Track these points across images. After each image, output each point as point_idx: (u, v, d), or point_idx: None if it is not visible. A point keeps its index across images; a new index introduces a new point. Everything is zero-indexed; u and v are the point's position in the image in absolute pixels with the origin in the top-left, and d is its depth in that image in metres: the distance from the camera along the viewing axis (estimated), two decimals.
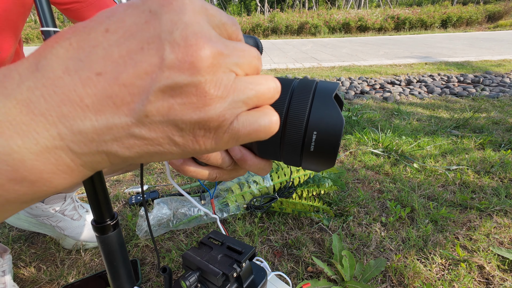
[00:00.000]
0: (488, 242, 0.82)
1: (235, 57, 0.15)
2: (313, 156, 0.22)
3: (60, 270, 0.76)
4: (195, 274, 0.41)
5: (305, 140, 0.22)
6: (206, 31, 0.14)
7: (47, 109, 0.13)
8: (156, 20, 0.13)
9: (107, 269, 0.43)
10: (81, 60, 0.13)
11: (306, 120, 0.22)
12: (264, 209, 0.92)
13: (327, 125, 0.21)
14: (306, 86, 0.23)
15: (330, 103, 0.22)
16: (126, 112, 0.14)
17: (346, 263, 0.71)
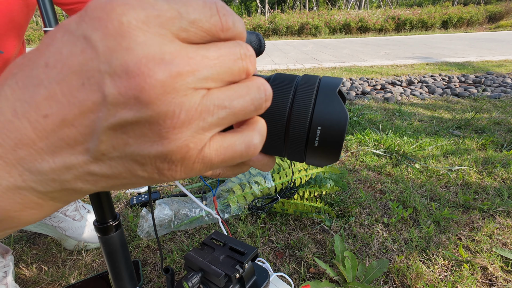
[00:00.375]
0: (491, 243, 0.81)
1: (205, 70, 0.13)
2: (317, 151, 0.23)
3: (62, 271, 0.76)
4: (198, 275, 0.41)
5: (309, 135, 0.22)
6: (154, 51, 0.12)
7: (4, 153, 0.12)
8: (92, 49, 0.12)
9: (109, 270, 0.43)
10: (27, 101, 0.12)
11: (310, 116, 0.22)
12: (265, 210, 0.92)
13: (332, 120, 0.21)
14: (310, 82, 0.23)
15: (334, 98, 0.22)
16: (82, 151, 0.13)
17: (348, 264, 0.70)
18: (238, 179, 0.97)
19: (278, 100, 0.22)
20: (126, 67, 0.11)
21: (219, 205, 0.92)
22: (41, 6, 0.30)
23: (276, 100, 0.22)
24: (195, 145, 0.14)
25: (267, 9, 15.71)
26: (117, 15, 0.11)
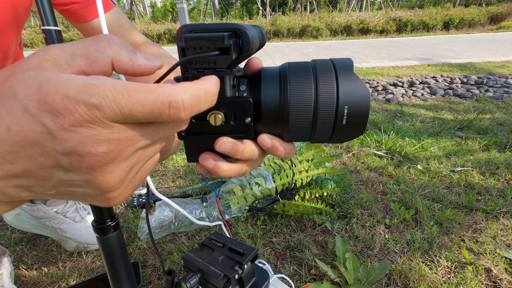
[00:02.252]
0: (495, 245, 0.80)
1: (142, 142, 0.18)
2: (345, 129, 0.24)
3: (62, 272, 0.76)
4: (196, 276, 0.41)
5: (337, 115, 0.23)
6: (99, 141, 0.16)
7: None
8: (51, 136, 0.15)
9: (108, 271, 0.43)
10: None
11: (336, 97, 0.23)
12: (266, 211, 0.91)
13: (356, 98, 0.23)
14: (327, 66, 0.24)
15: (354, 77, 0.23)
16: (45, 186, 0.17)
17: (350, 266, 0.70)
18: (239, 180, 0.96)
19: (302, 88, 0.24)
20: (78, 154, 0.15)
21: (220, 206, 0.91)
22: (39, 4, 0.30)
23: (300, 88, 0.24)
24: (125, 191, 0.19)
25: (268, 12, 15.77)
26: (71, 117, 0.15)
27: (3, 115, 0.15)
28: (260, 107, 0.25)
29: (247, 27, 0.22)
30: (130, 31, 0.58)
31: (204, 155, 0.26)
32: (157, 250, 0.46)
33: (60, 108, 0.14)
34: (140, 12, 17.58)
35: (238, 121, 0.24)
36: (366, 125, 0.24)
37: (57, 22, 0.32)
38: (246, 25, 0.23)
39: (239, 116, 0.24)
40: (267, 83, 0.25)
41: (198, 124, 0.25)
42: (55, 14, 0.33)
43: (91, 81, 0.15)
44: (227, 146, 0.24)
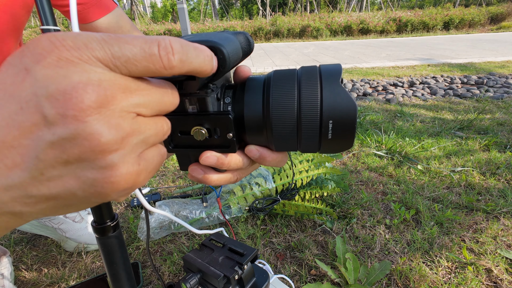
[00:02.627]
0: (496, 245, 0.80)
1: (136, 97, 0.15)
2: (331, 143, 0.23)
3: (61, 272, 0.76)
4: (196, 277, 0.40)
5: (322, 130, 0.22)
6: (92, 78, 0.13)
7: None
8: (31, 77, 0.13)
9: (107, 271, 0.43)
10: None
11: (320, 111, 0.22)
12: (266, 211, 0.91)
13: (341, 112, 0.22)
14: (311, 74, 0.23)
15: (339, 89, 0.22)
16: (20, 172, 0.13)
17: (350, 266, 0.70)
18: (239, 181, 0.96)
19: (284, 99, 0.22)
20: (63, 90, 0.13)
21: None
22: (39, 4, 0.30)
23: (282, 99, 0.22)
24: (126, 163, 0.15)
25: (268, 12, 15.78)
26: (56, 52, 0.13)
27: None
28: (244, 119, 0.24)
29: (224, 43, 0.21)
30: (131, 33, 0.59)
31: (192, 166, 0.25)
32: (154, 266, 0.46)
33: (44, 45, 0.13)
34: (140, 12, 17.60)
35: (221, 136, 0.24)
36: (354, 138, 0.23)
37: (57, 22, 0.32)
38: (227, 35, 0.23)
39: (221, 131, 0.24)
40: (251, 93, 0.24)
41: (183, 138, 0.25)
42: (55, 15, 0.33)
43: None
44: (211, 161, 0.24)
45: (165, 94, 0.17)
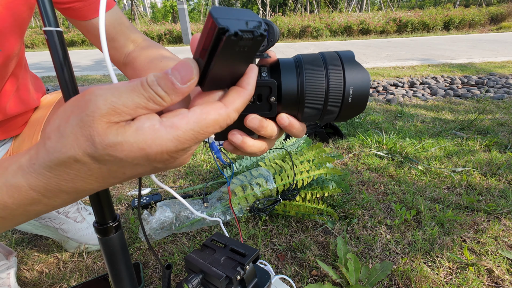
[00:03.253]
0: (497, 245, 0.80)
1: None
2: (350, 106, 0.30)
3: (63, 273, 0.76)
4: (198, 277, 0.40)
5: (344, 95, 0.29)
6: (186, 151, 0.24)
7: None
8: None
9: (109, 272, 0.43)
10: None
11: (343, 80, 0.29)
12: (267, 212, 0.91)
13: (359, 80, 0.29)
14: (334, 56, 0.30)
15: (356, 64, 0.29)
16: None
17: (351, 267, 0.70)
18: (240, 181, 0.96)
19: (316, 76, 0.29)
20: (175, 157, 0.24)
21: (221, 207, 0.91)
22: (41, 5, 0.30)
23: (314, 76, 0.29)
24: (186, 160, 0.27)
25: (268, 12, 15.78)
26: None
27: (119, 169, 0.23)
28: (281, 90, 0.29)
29: (270, 22, 0.27)
30: (131, 30, 0.59)
31: (232, 132, 0.30)
32: (150, 245, 0.46)
33: (167, 159, 0.23)
34: (140, 12, 17.60)
35: (263, 101, 0.30)
36: (367, 102, 0.30)
37: (59, 23, 0.32)
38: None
39: (264, 96, 0.29)
40: (286, 71, 0.30)
41: None
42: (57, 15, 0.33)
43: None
44: (255, 122, 0.28)
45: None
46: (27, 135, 0.61)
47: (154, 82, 0.21)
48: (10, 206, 0.23)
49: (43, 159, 0.21)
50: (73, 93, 0.34)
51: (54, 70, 0.32)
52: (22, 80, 0.57)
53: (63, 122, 0.21)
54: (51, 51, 0.32)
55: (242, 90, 0.25)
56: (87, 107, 0.20)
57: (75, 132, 0.20)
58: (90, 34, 0.57)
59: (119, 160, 0.21)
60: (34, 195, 0.22)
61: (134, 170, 0.23)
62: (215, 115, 0.23)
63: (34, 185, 0.22)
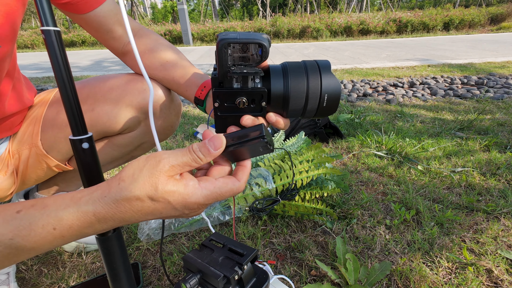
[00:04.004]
0: (496, 245, 0.80)
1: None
2: (324, 109, 0.38)
3: (61, 273, 0.76)
4: (196, 277, 0.40)
5: (320, 100, 0.37)
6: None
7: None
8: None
9: (107, 272, 0.43)
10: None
11: (320, 89, 0.36)
12: (266, 212, 0.91)
13: (333, 89, 0.37)
14: (314, 66, 0.37)
15: (331, 75, 0.37)
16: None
17: (350, 267, 0.69)
18: None
19: (298, 82, 0.36)
20: (194, 214, 0.36)
21: (220, 206, 0.91)
22: (38, 5, 0.30)
23: (297, 82, 0.36)
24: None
25: (268, 13, 15.79)
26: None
27: (161, 209, 0.31)
28: (271, 95, 0.37)
29: (264, 40, 0.34)
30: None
31: (231, 127, 0.39)
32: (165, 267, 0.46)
33: (195, 208, 0.33)
34: (140, 13, 17.61)
35: (256, 105, 0.38)
36: (338, 107, 0.39)
37: (59, 24, 0.32)
38: (260, 35, 0.34)
39: (256, 101, 0.38)
40: (274, 78, 0.37)
41: (229, 107, 0.38)
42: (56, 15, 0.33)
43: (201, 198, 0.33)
44: (249, 121, 0.38)
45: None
46: (28, 133, 0.61)
47: (197, 149, 0.32)
48: (74, 227, 0.30)
49: (114, 194, 0.30)
50: (71, 93, 0.34)
51: (52, 70, 0.32)
52: (16, 80, 0.57)
53: (137, 171, 0.30)
54: (49, 51, 0.32)
55: (245, 168, 0.36)
56: (157, 165, 0.30)
57: (145, 180, 0.30)
58: (89, 26, 0.57)
59: (167, 202, 0.31)
60: (93, 219, 0.30)
61: (169, 212, 0.32)
62: (231, 185, 0.34)
63: (98, 212, 0.30)
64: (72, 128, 0.35)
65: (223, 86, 0.37)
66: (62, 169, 0.66)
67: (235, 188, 0.34)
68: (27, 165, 0.63)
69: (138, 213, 0.31)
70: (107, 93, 0.60)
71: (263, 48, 0.34)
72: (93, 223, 0.30)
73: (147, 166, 0.31)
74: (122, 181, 0.30)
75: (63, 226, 0.30)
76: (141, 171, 0.30)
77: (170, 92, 0.64)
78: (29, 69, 4.66)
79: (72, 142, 0.35)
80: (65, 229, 0.30)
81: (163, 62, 0.59)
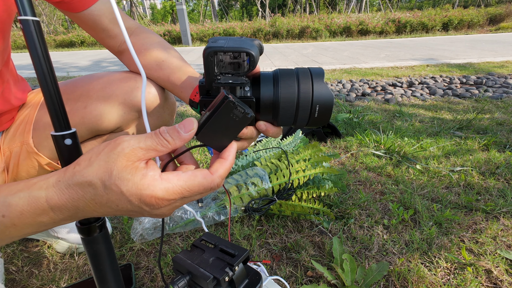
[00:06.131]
0: (495, 245, 0.79)
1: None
2: (316, 119, 0.36)
3: (52, 274, 0.74)
4: (185, 278, 0.39)
5: (312, 111, 0.35)
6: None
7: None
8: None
9: (94, 273, 0.41)
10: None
11: (312, 99, 0.34)
12: (262, 212, 0.89)
13: (325, 100, 0.34)
14: (306, 74, 0.35)
15: (324, 85, 0.34)
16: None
17: (347, 267, 0.68)
18: (235, 180, 0.95)
19: (290, 91, 0.34)
20: (156, 214, 0.31)
21: (215, 206, 0.90)
22: None
23: (288, 91, 0.34)
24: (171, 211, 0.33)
25: (267, 13, 15.80)
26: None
27: (115, 201, 0.28)
28: (260, 103, 0.35)
29: (252, 48, 0.32)
30: (124, 18, 0.59)
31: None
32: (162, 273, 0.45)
33: (153, 203, 0.28)
34: (140, 14, 17.61)
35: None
36: (330, 117, 0.36)
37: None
38: (250, 42, 0.33)
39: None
40: (265, 85, 0.35)
41: None
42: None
43: (166, 190, 0.28)
44: None
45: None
46: (19, 131, 0.60)
47: (164, 131, 0.28)
48: (25, 214, 0.28)
49: (67, 178, 0.27)
50: (52, 86, 0.33)
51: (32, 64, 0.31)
52: (6, 81, 0.56)
53: (94, 155, 0.28)
54: (28, 42, 0.30)
55: (224, 161, 0.32)
56: (115, 148, 0.27)
57: (100, 164, 0.27)
58: (85, 25, 0.57)
59: (119, 192, 0.27)
60: (46, 206, 0.28)
61: (125, 206, 0.28)
62: (201, 178, 0.29)
63: (50, 198, 0.27)
64: (54, 123, 0.33)
65: (211, 94, 0.35)
66: (54, 167, 0.65)
67: (206, 182, 0.29)
68: (18, 162, 0.61)
69: (92, 202, 0.28)
70: (100, 90, 0.59)
71: (250, 57, 0.32)
72: (47, 211, 0.28)
73: (105, 150, 0.27)
74: (77, 164, 0.28)
75: (12, 212, 0.27)
76: (99, 154, 0.27)
77: (164, 91, 0.63)
78: (26, 69, 4.64)
79: (54, 138, 0.34)
80: (15, 216, 0.27)
81: (159, 61, 0.58)
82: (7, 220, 0.27)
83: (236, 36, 0.37)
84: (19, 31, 11.11)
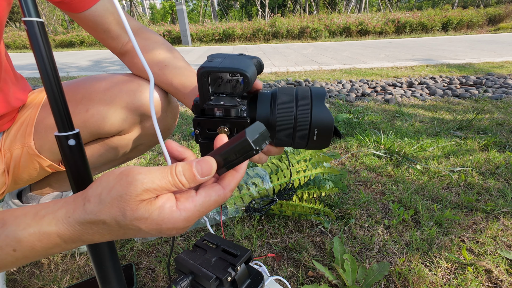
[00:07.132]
0: (496, 245, 0.79)
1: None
2: (315, 142, 0.35)
3: (54, 274, 0.74)
4: (187, 279, 0.39)
5: (310, 134, 0.34)
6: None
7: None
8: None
9: (96, 273, 0.42)
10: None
11: (310, 122, 0.33)
12: (263, 212, 0.90)
13: (324, 123, 0.33)
14: (305, 96, 0.34)
15: (324, 108, 0.33)
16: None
17: (348, 267, 0.68)
18: None
19: (287, 112, 0.33)
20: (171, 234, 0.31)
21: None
22: None
23: (285, 112, 0.33)
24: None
25: (267, 13, 15.81)
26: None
27: (133, 234, 0.29)
28: None
29: (247, 69, 0.31)
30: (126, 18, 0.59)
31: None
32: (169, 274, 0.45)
33: (174, 232, 0.29)
34: (139, 13, 17.60)
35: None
36: (330, 141, 0.35)
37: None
38: (247, 61, 0.32)
39: (239, 130, 0.34)
40: (262, 105, 0.34)
41: (210, 134, 0.35)
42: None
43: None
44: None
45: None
46: (20, 132, 0.60)
47: (180, 173, 0.27)
48: (37, 249, 0.28)
49: (78, 216, 0.27)
50: (56, 87, 0.33)
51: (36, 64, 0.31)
52: (4, 82, 0.56)
53: (105, 191, 0.27)
54: (32, 43, 0.31)
55: (236, 173, 0.30)
56: (128, 187, 0.26)
57: (112, 203, 0.26)
58: (86, 26, 0.57)
59: (138, 229, 0.27)
60: (58, 241, 0.28)
61: (144, 235, 0.29)
62: (216, 197, 0.29)
63: (62, 233, 0.27)
64: (58, 123, 0.33)
65: (205, 113, 0.34)
66: (56, 169, 0.65)
67: (220, 198, 0.30)
68: (19, 164, 0.61)
69: (107, 235, 0.28)
70: (103, 93, 0.59)
71: (244, 78, 0.31)
72: (59, 244, 0.28)
73: (116, 186, 0.26)
74: (87, 201, 0.27)
75: (23, 247, 0.27)
76: (110, 192, 0.26)
77: (167, 94, 0.63)
78: (26, 69, 4.64)
79: (57, 138, 0.34)
80: (27, 251, 0.27)
81: (161, 65, 0.57)
82: (19, 253, 0.27)
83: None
84: (19, 31, 11.09)
